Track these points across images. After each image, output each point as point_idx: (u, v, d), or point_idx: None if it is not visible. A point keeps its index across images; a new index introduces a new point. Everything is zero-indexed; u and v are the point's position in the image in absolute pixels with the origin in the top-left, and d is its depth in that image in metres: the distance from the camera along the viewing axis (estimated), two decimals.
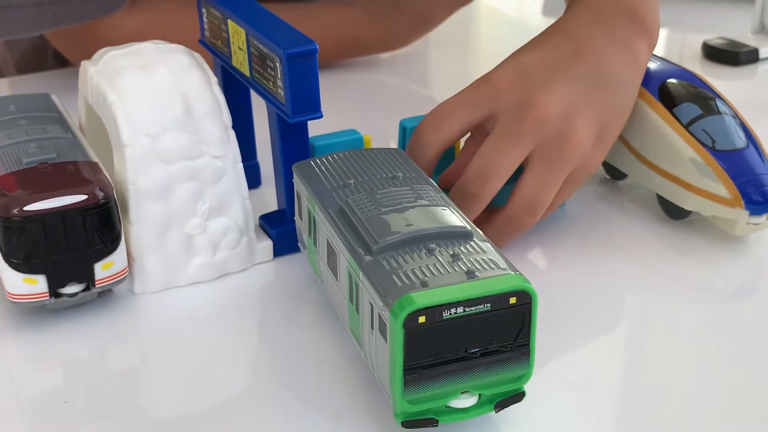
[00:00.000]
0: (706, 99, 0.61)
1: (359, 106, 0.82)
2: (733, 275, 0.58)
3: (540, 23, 0.88)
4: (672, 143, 0.60)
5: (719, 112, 0.61)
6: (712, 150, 0.59)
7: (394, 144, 0.70)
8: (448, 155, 0.61)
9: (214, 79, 0.56)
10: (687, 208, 0.60)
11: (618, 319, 0.55)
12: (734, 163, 0.59)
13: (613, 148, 0.63)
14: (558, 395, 0.48)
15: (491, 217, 0.57)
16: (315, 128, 0.58)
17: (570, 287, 0.56)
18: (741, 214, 0.58)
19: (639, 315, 0.56)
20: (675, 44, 1.00)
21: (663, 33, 1.01)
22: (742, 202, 0.57)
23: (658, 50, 0.67)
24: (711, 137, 0.59)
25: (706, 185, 0.58)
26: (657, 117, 0.61)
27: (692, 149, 0.59)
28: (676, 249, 0.60)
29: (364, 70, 0.89)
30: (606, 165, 0.67)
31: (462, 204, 0.55)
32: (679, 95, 0.61)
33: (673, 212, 0.62)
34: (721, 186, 0.58)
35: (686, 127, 0.60)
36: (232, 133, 0.56)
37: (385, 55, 0.92)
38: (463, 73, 0.92)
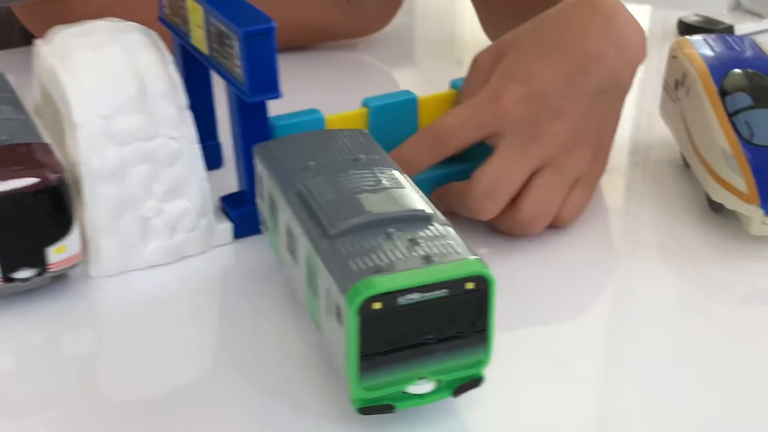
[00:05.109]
0: (766, 90, 0.58)
1: (325, 86, 0.80)
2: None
3: None
4: (711, 131, 0.57)
5: None
6: (746, 143, 0.56)
7: None
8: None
9: (169, 58, 0.55)
10: (714, 198, 0.58)
11: (620, 303, 0.55)
12: (763, 158, 0.55)
13: (681, 134, 0.62)
14: (536, 372, 0.48)
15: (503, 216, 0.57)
16: (281, 109, 0.57)
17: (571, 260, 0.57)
18: (755, 212, 0.54)
19: (634, 298, 0.55)
20: (650, 21, 0.99)
21: (639, 9, 1.00)
22: (758, 199, 0.54)
23: None
24: (751, 130, 0.56)
25: (730, 177, 0.56)
26: (708, 104, 0.58)
27: (725, 139, 0.56)
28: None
29: (333, 48, 0.87)
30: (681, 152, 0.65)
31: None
32: (737, 84, 0.58)
33: (711, 204, 0.59)
34: (741, 180, 0.55)
35: (730, 116, 0.57)
36: (189, 114, 0.55)
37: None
38: (435, 55, 0.91)
